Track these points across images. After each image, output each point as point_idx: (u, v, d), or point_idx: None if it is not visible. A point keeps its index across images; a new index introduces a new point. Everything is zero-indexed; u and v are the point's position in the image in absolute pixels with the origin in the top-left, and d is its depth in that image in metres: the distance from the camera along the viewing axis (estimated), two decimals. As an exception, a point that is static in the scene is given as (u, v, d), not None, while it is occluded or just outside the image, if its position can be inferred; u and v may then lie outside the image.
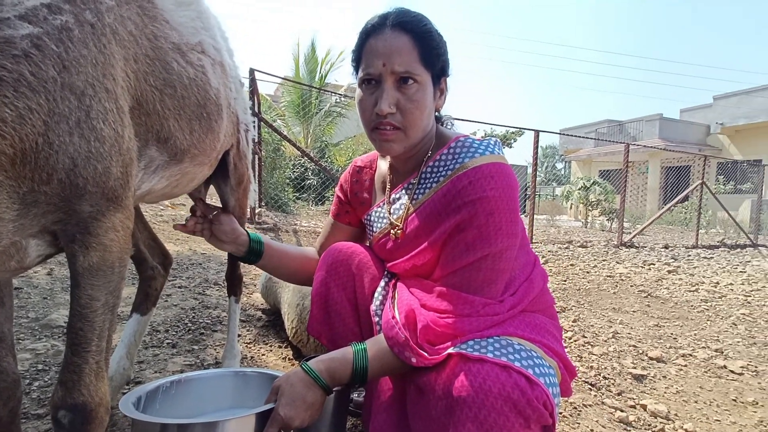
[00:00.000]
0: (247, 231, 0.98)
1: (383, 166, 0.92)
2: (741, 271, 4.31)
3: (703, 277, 3.83)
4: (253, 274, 2.59)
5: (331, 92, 8.58)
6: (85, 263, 0.57)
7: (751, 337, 2.09)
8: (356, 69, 0.78)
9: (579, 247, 5.69)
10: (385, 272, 0.89)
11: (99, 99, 0.55)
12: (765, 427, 1.25)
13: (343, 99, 9.36)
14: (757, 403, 1.39)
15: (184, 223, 0.94)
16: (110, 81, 0.57)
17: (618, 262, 4.44)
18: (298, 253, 1.00)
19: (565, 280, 3.26)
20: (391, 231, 0.84)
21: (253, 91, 4.49)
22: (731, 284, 3.51)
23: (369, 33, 0.75)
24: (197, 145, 0.82)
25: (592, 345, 1.81)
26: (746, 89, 13.58)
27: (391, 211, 0.86)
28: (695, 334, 2.07)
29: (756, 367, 1.70)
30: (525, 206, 6.45)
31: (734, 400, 1.40)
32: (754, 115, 13.01)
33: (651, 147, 10.40)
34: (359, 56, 0.76)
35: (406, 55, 0.72)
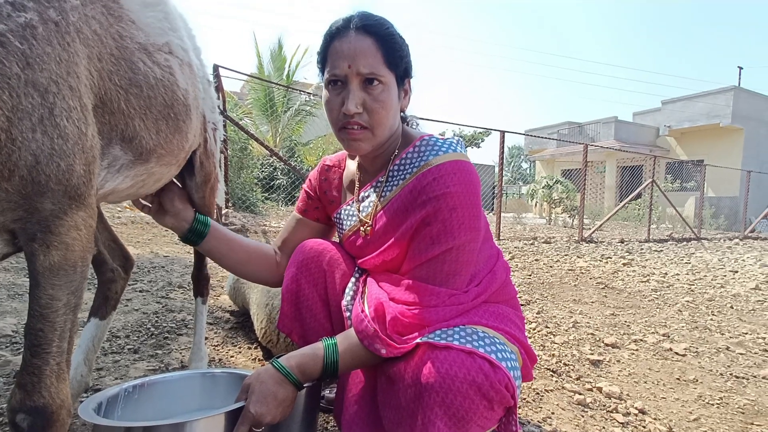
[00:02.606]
0: (197, 213, 0.95)
1: (351, 165, 0.93)
2: (686, 263, 4.68)
3: (654, 268, 4.12)
4: (220, 276, 2.52)
5: (300, 90, 8.47)
6: (46, 262, 0.55)
7: (693, 321, 2.28)
8: (322, 70, 0.80)
9: (543, 243, 5.95)
10: (356, 268, 0.90)
11: (63, 96, 0.54)
12: (703, 401, 1.37)
13: (312, 98, 9.25)
14: (697, 381, 1.52)
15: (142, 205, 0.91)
16: (74, 79, 0.56)
17: (579, 257, 4.68)
18: (251, 245, 0.97)
19: (530, 275, 3.41)
20: (361, 228, 0.86)
21: (218, 88, 4.37)
22: (678, 274, 3.80)
23: (333, 36, 0.76)
24: (164, 145, 0.81)
25: (554, 334, 1.91)
26: (689, 95, 14.70)
27: (360, 208, 0.87)
28: (646, 321, 2.23)
29: (697, 348, 1.86)
30: (493, 204, 6.65)
31: (678, 379, 1.53)
32: (696, 118, 14.12)
33: (607, 147, 11.03)
34: (324, 58, 0.78)
35: (370, 57, 0.74)
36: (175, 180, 1.03)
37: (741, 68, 16.86)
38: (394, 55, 0.76)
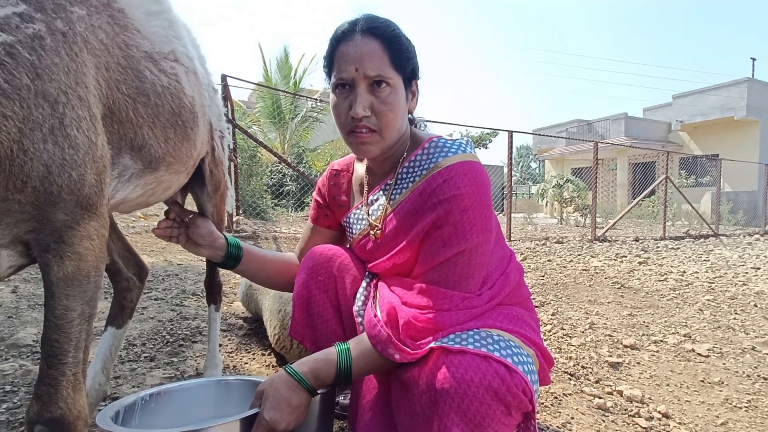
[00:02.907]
0: (225, 235, 0.96)
1: (360, 168, 0.93)
2: (705, 260, 4.56)
3: (671, 266, 4.02)
4: (232, 283, 2.54)
5: (306, 97, 8.55)
6: (60, 273, 0.56)
7: (715, 321, 2.21)
8: (328, 75, 0.80)
9: (555, 243, 5.86)
10: (367, 273, 0.89)
11: (72, 106, 0.55)
12: (730, 404, 1.32)
13: (319, 104, 9.33)
14: (722, 383, 1.47)
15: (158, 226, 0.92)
16: (83, 89, 0.57)
17: (592, 256, 4.60)
18: (278, 258, 1.00)
19: (543, 276, 3.35)
20: (371, 232, 0.86)
21: (226, 97, 4.43)
22: (696, 272, 3.70)
23: (339, 39, 0.76)
24: (173, 153, 0.82)
25: (570, 336, 1.87)
26: (701, 89, 14.40)
27: (370, 212, 0.87)
28: (665, 321, 2.17)
29: (720, 349, 1.80)
30: (502, 205, 6.59)
31: (702, 381, 1.48)
32: (709, 112, 13.82)
33: (618, 144, 10.87)
34: (331, 62, 0.78)
35: (377, 60, 0.73)
36: (185, 194, 1.04)
37: (754, 59, 16.51)
38: (401, 56, 0.75)
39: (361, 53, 0.73)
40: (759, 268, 3.98)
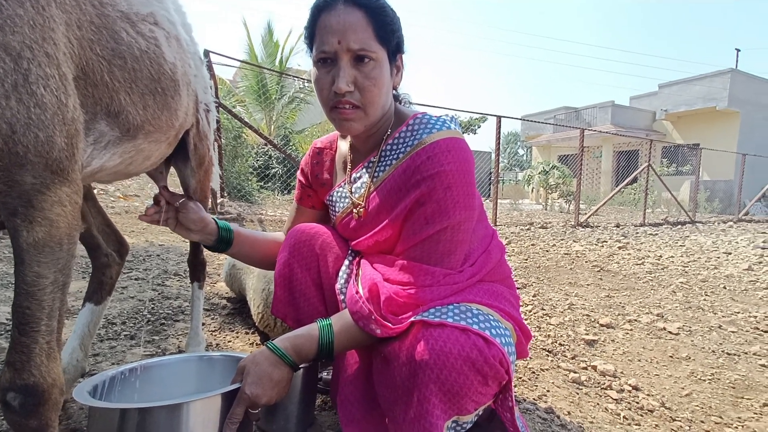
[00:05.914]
0: (214, 219, 0.95)
1: (343, 146, 0.92)
2: (681, 245, 4.72)
3: (649, 251, 4.15)
4: (216, 264, 2.51)
5: (293, 77, 8.34)
6: (30, 239, 0.54)
7: (687, 302, 2.31)
8: (310, 47, 0.77)
9: (540, 228, 5.97)
10: (349, 251, 0.90)
11: (38, 63, 0.52)
12: (695, 377, 1.40)
13: (306, 84, 9.12)
14: (689, 358, 1.55)
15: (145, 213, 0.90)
16: (51, 45, 0.54)
17: (575, 241, 4.71)
18: (268, 239, 0.99)
19: (526, 259, 3.42)
20: (354, 210, 0.85)
21: (210, 74, 4.28)
22: (672, 257, 3.84)
23: (321, 8, 0.73)
24: (152, 121, 0.79)
25: (549, 316, 1.93)
26: (686, 78, 14.59)
27: (353, 190, 0.86)
28: (640, 302, 2.26)
29: (690, 327, 1.88)
30: (489, 191, 6.64)
31: (671, 357, 1.55)
32: (693, 102, 14.05)
33: (604, 132, 11.01)
34: (312, 33, 0.75)
35: (361, 32, 0.71)
36: (177, 185, 1.01)
37: (738, 50, 16.77)
38: (386, 29, 0.73)
39: (344, 24, 0.70)
40: (730, 253, 4.14)
